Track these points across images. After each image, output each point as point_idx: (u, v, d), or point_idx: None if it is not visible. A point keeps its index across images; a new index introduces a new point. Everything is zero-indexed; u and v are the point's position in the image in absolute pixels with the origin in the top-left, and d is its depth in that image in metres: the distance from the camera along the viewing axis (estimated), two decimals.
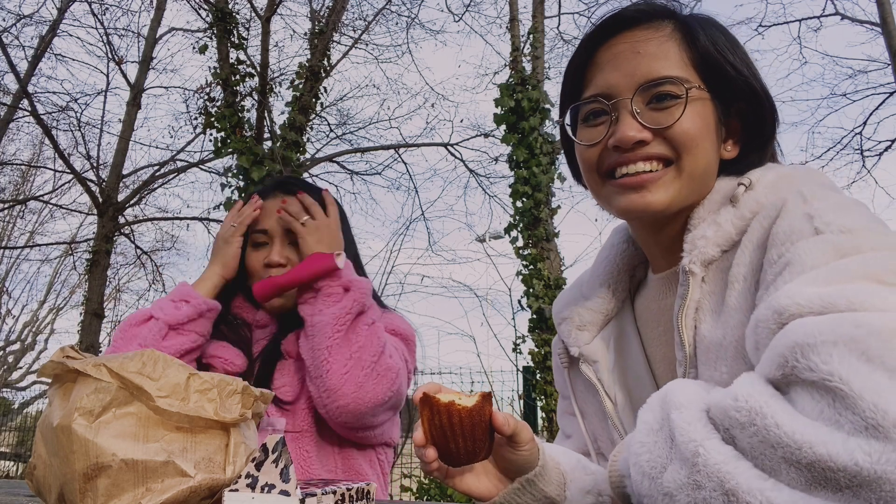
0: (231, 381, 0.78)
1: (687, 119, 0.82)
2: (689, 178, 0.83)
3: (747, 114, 0.86)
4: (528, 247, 7.36)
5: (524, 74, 7.79)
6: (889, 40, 8.48)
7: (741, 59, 0.85)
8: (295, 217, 1.41)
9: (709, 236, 0.79)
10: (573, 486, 0.86)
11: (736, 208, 0.79)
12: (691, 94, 0.82)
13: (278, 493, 0.67)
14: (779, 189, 0.78)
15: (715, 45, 0.84)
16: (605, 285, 0.99)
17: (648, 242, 0.94)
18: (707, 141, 0.83)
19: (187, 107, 10.79)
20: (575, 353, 0.99)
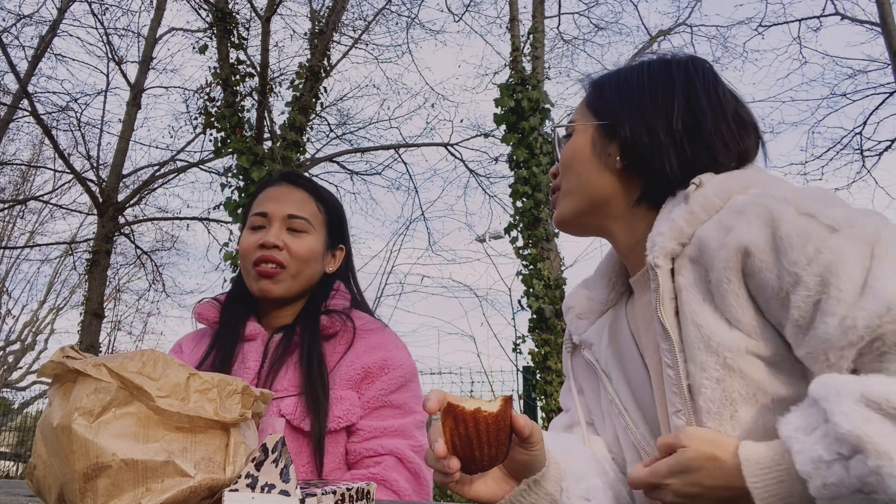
0: (231, 381, 0.78)
1: (563, 151, 1.07)
2: (569, 195, 1.04)
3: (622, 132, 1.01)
4: (528, 247, 7.36)
5: (524, 74, 7.79)
6: (889, 40, 8.48)
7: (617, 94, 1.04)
8: None
9: (664, 232, 0.89)
10: (569, 476, 0.91)
11: (687, 204, 0.89)
12: (576, 128, 1.06)
13: (278, 493, 0.67)
14: (726, 188, 0.89)
15: (598, 91, 1.07)
16: (605, 278, 1.12)
17: (616, 250, 1.08)
18: (576, 161, 1.04)
19: (187, 107, 10.79)
20: (576, 341, 1.11)
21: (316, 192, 1.51)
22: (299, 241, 1.43)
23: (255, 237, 1.43)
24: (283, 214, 1.43)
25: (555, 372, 6.72)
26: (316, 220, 1.47)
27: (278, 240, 1.40)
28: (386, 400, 1.35)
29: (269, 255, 1.39)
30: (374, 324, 1.46)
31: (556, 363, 6.85)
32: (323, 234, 1.48)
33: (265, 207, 1.44)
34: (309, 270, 1.45)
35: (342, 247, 1.56)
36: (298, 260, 1.41)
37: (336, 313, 1.43)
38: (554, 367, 6.75)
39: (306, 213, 1.45)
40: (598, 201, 1.02)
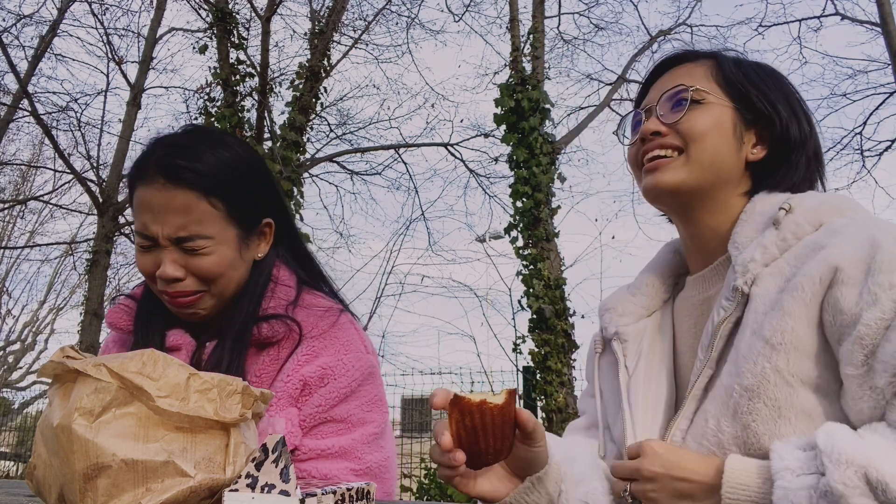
0: (231, 381, 0.78)
1: (695, 116, 0.99)
2: (696, 164, 0.97)
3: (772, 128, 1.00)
4: (528, 247, 7.36)
5: (524, 74, 7.79)
6: (889, 40, 8.48)
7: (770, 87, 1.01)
8: None
9: (757, 259, 0.89)
10: (568, 479, 0.92)
11: (778, 231, 0.90)
12: (709, 99, 1.00)
13: (278, 493, 0.67)
14: (819, 213, 0.90)
15: (742, 72, 1.02)
16: (651, 286, 1.10)
17: (687, 240, 1.06)
18: (716, 137, 0.98)
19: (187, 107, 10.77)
20: (611, 332, 1.07)
21: (204, 182, 1.14)
22: (202, 260, 1.14)
23: (150, 260, 1.15)
24: (168, 237, 1.13)
25: (555, 372, 6.73)
26: (214, 223, 1.15)
27: (176, 270, 1.13)
28: (326, 415, 1.16)
29: (174, 290, 1.15)
30: (326, 318, 1.23)
31: (556, 363, 6.85)
32: (230, 230, 1.17)
33: (147, 226, 1.13)
34: (232, 281, 1.19)
35: (268, 221, 1.25)
36: (213, 278, 1.16)
37: (277, 318, 1.20)
38: (554, 367, 6.75)
39: (195, 227, 1.13)
40: (720, 183, 0.99)
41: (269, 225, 1.26)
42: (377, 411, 1.22)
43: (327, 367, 1.18)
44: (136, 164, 1.19)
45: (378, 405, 1.23)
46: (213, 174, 1.15)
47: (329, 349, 1.20)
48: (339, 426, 1.17)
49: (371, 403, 1.21)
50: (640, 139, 1.03)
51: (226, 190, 1.16)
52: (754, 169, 1.01)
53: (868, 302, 0.78)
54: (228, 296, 1.20)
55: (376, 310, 7.15)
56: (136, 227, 1.17)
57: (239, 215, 1.19)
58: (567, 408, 6.58)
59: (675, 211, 1.05)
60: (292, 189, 7.55)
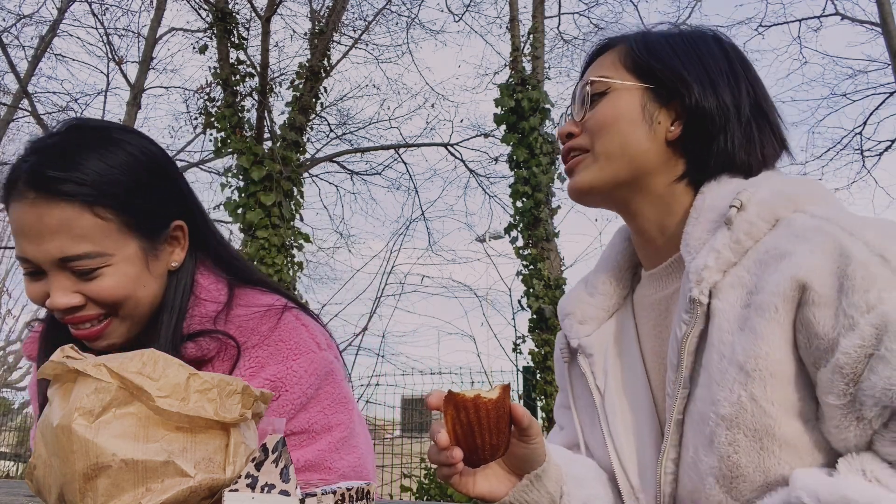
0: (231, 381, 0.78)
1: (598, 110, 0.95)
2: (604, 159, 0.93)
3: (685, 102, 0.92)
4: (528, 247, 7.37)
5: (524, 74, 7.80)
6: (889, 40, 8.48)
7: (682, 61, 0.94)
8: None
9: (711, 265, 0.82)
10: (570, 480, 0.90)
11: (731, 231, 0.83)
12: (613, 87, 0.95)
13: (278, 493, 0.67)
14: (773, 208, 0.82)
15: (648, 50, 0.96)
16: (608, 282, 1.04)
17: (633, 235, 1.00)
18: (622, 125, 0.93)
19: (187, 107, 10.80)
20: (574, 345, 1.02)
21: (86, 191, 0.95)
22: (97, 283, 0.96)
23: (39, 288, 0.98)
24: (52, 260, 0.95)
25: (555, 372, 6.71)
26: (107, 238, 0.97)
27: (70, 297, 0.96)
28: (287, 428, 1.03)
29: (74, 318, 0.98)
30: (266, 320, 1.07)
31: None
32: (130, 243, 0.99)
33: (25, 251, 0.95)
34: (141, 300, 1.01)
35: (178, 223, 1.06)
36: (118, 299, 0.98)
37: (204, 335, 1.04)
38: (554, 367, 6.73)
39: (85, 244, 0.95)
40: (640, 172, 0.92)
41: (180, 228, 1.07)
42: (342, 412, 1.09)
43: (276, 378, 1.03)
44: (6, 176, 1.00)
45: (341, 405, 1.10)
46: (97, 180, 0.96)
47: (274, 357, 1.04)
48: (301, 438, 1.04)
49: (334, 405, 1.08)
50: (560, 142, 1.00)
51: (116, 196, 0.97)
52: (683, 149, 0.93)
53: (845, 326, 0.71)
54: (142, 316, 1.03)
55: (376, 310, 7.15)
56: (15, 252, 0.98)
57: (138, 223, 1.00)
58: None
59: (610, 208, 0.99)
60: (292, 189, 7.55)
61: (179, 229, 1.07)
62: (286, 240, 7.26)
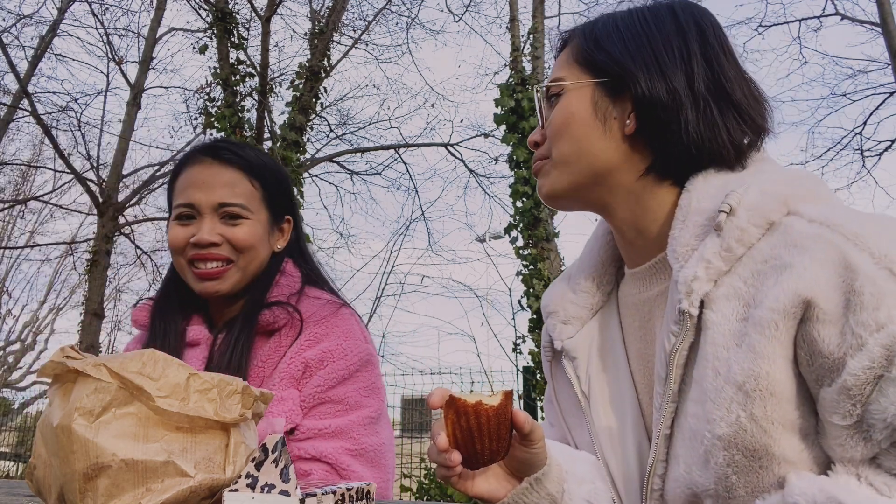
0: (231, 381, 0.78)
1: (554, 113, 0.92)
2: (563, 164, 0.91)
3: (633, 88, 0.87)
4: (528, 247, 7.36)
5: (524, 74, 7.79)
6: (889, 40, 8.48)
7: (626, 43, 0.89)
8: None
9: (701, 276, 0.78)
10: (571, 478, 0.88)
11: (721, 238, 0.78)
12: (565, 87, 0.91)
13: (278, 493, 0.67)
14: (764, 211, 0.77)
15: (593, 39, 0.92)
16: (591, 279, 1.00)
17: (614, 233, 0.97)
18: (574, 127, 0.89)
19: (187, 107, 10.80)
20: (558, 347, 0.99)
21: (247, 165, 1.30)
22: (239, 229, 1.25)
23: (186, 231, 1.25)
24: (213, 204, 1.24)
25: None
26: (253, 201, 1.28)
27: (213, 235, 1.23)
28: (325, 396, 1.20)
29: (207, 254, 1.23)
30: (327, 308, 1.29)
31: None
32: (264, 213, 1.30)
33: (191, 196, 1.25)
34: (257, 258, 1.29)
35: (289, 218, 1.38)
36: (244, 250, 1.26)
37: (279, 305, 1.26)
38: None
39: (240, 198, 1.26)
40: (601, 172, 0.89)
41: (288, 222, 1.38)
42: (374, 398, 1.25)
43: (327, 350, 1.22)
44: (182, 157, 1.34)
45: (375, 392, 1.26)
46: (255, 161, 1.31)
47: (330, 335, 1.24)
48: (336, 407, 1.20)
49: (368, 389, 1.24)
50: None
51: (264, 178, 1.31)
52: (647, 142, 0.88)
53: (853, 346, 0.67)
54: (249, 275, 1.28)
55: (376, 310, 7.15)
56: (176, 202, 1.27)
57: (271, 203, 1.32)
58: None
59: (587, 210, 0.96)
60: None
61: (288, 222, 1.38)
62: None
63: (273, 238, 1.34)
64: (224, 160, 1.28)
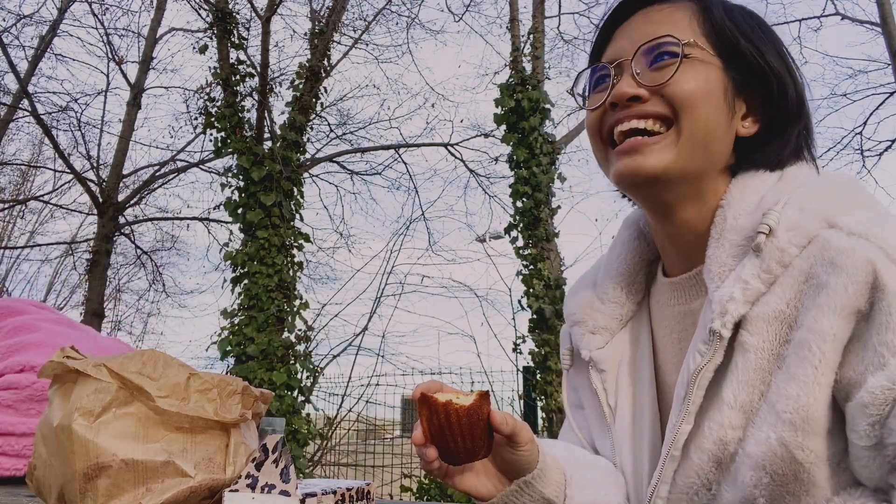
0: (231, 382, 0.78)
1: (685, 77, 0.78)
2: (688, 141, 0.78)
3: (767, 94, 0.82)
4: (528, 247, 7.36)
5: (524, 74, 7.79)
6: (889, 40, 8.48)
7: (764, 40, 0.82)
8: None
9: (737, 298, 0.74)
10: (574, 484, 0.86)
11: (760, 259, 0.74)
12: (695, 54, 0.79)
13: (278, 493, 0.67)
14: (805, 230, 0.74)
15: (733, 21, 0.82)
16: (620, 287, 0.95)
17: (662, 237, 0.90)
18: (710, 104, 0.79)
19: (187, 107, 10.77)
20: (586, 357, 0.95)
21: None
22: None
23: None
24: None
25: (555, 372, 6.72)
26: None
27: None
28: None
29: None
30: None
31: (556, 363, 6.84)
32: None
33: None
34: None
35: None
36: None
37: None
38: (554, 367, 6.74)
39: None
40: (709, 168, 0.80)
41: None
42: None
43: None
44: None
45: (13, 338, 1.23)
46: None
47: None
48: None
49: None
50: (611, 104, 0.81)
51: None
52: (740, 146, 0.82)
53: (875, 365, 0.66)
54: None
55: (376, 310, 7.15)
56: None
57: None
58: None
59: (652, 203, 0.85)
60: (292, 189, 7.55)
61: None
62: (286, 240, 7.26)
63: None
64: None
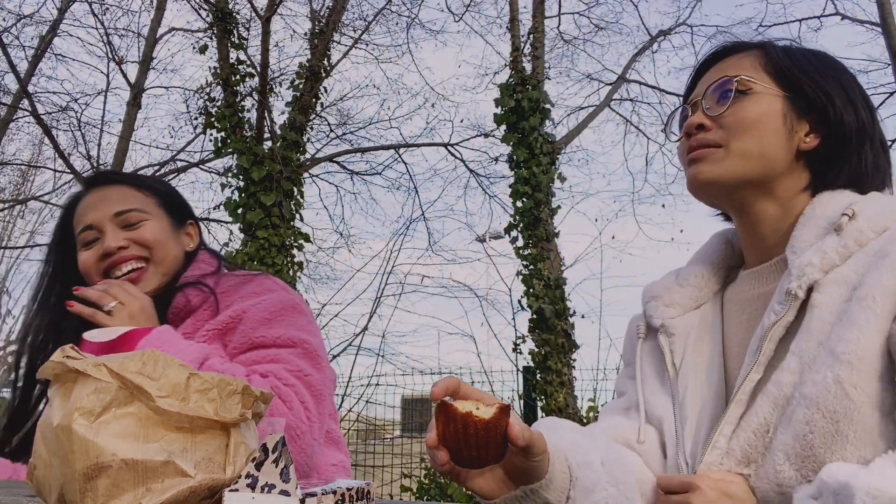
0: (231, 381, 0.78)
1: (741, 108, 0.96)
2: (739, 156, 0.95)
3: (825, 116, 0.96)
4: (528, 247, 7.37)
5: (524, 74, 7.80)
6: (889, 40, 8.48)
7: (823, 74, 0.98)
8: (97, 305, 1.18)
9: (815, 263, 0.86)
10: (579, 486, 0.87)
11: (840, 237, 0.87)
12: (757, 88, 0.96)
13: (278, 493, 0.67)
14: (884, 219, 0.87)
15: (791, 59, 0.99)
16: (700, 276, 1.07)
17: (743, 233, 1.03)
18: (764, 127, 0.95)
19: (187, 107, 10.76)
20: (657, 324, 1.05)
21: (135, 180, 1.39)
22: (141, 229, 1.29)
23: (94, 252, 1.28)
24: (109, 215, 1.29)
25: (555, 372, 6.73)
26: (147, 204, 1.34)
27: (118, 241, 1.27)
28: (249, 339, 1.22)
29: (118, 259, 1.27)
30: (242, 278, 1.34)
31: (557, 363, 6.85)
32: (163, 216, 1.35)
33: (88, 219, 1.30)
34: (170, 255, 1.32)
35: (192, 222, 1.43)
36: (154, 246, 1.29)
37: (190, 285, 1.30)
38: (554, 367, 6.75)
39: (134, 204, 1.32)
40: (770, 175, 0.96)
41: (192, 225, 1.43)
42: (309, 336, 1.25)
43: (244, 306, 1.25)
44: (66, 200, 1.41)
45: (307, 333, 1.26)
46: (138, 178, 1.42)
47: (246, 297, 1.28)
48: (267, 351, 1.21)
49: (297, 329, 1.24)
50: (686, 134, 1.01)
51: (152, 187, 1.39)
52: (811, 160, 0.97)
53: None
54: (169, 275, 1.32)
55: (376, 310, 7.15)
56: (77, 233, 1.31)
57: (168, 208, 1.38)
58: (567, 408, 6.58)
59: (725, 203, 1.03)
60: (292, 189, 7.55)
61: (192, 226, 1.43)
62: (286, 240, 7.27)
63: (180, 239, 1.38)
64: (109, 182, 1.36)
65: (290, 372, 1.18)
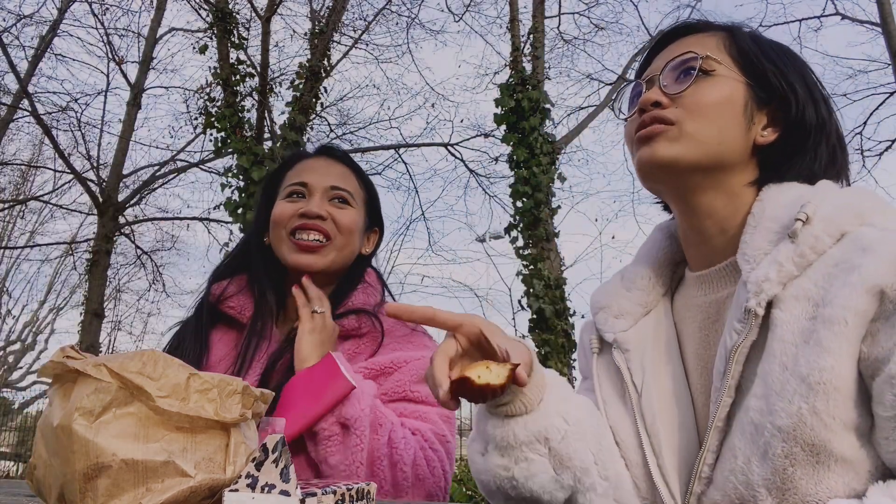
0: (231, 381, 0.78)
1: (702, 88, 0.90)
2: (694, 140, 0.89)
3: (786, 110, 0.92)
4: (529, 247, 7.37)
5: (524, 74, 7.80)
6: (889, 40, 8.48)
7: (787, 66, 0.93)
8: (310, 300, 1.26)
9: (772, 278, 0.81)
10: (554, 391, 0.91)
11: (795, 245, 0.81)
12: (719, 71, 0.91)
13: (278, 493, 0.67)
14: (839, 223, 0.81)
15: (759, 46, 0.94)
16: (646, 278, 1.02)
17: (687, 231, 0.97)
18: (724, 113, 0.89)
19: (187, 107, 10.78)
20: (610, 339, 1.00)
21: (358, 169, 1.44)
22: (345, 212, 1.35)
23: (294, 206, 1.33)
24: (325, 185, 1.35)
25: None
26: (357, 196, 1.40)
27: (322, 209, 1.32)
28: (405, 391, 1.25)
29: (312, 225, 1.31)
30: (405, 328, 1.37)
31: (556, 363, 6.85)
32: (363, 212, 1.41)
33: (304, 177, 1.36)
34: (352, 246, 1.37)
35: (377, 229, 1.48)
36: (345, 232, 1.34)
37: (366, 313, 1.33)
38: (554, 367, 6.75)
39: (350, 186, 1.38)
40: (722, 165, 0.90)
41: (376, 232, 1.48)
42: None
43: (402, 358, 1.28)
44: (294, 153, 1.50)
45: None
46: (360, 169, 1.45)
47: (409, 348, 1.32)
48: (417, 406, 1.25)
49: None
50: (639, 110, 0.93)
51: (368, 183, 1.45)
52: (763, 155, 0.92)
53: None
54: (341, 261, 1.36)
55: None
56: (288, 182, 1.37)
57: (369, 207, 1.44)
58: None
59: (672, 193, 0.95)
60: None
61: (375, 233, 1.48)
62: None
63: (363, 240, 1.43)
64: (338, 158, 1.43)
65: (436, 436, 1.23)
